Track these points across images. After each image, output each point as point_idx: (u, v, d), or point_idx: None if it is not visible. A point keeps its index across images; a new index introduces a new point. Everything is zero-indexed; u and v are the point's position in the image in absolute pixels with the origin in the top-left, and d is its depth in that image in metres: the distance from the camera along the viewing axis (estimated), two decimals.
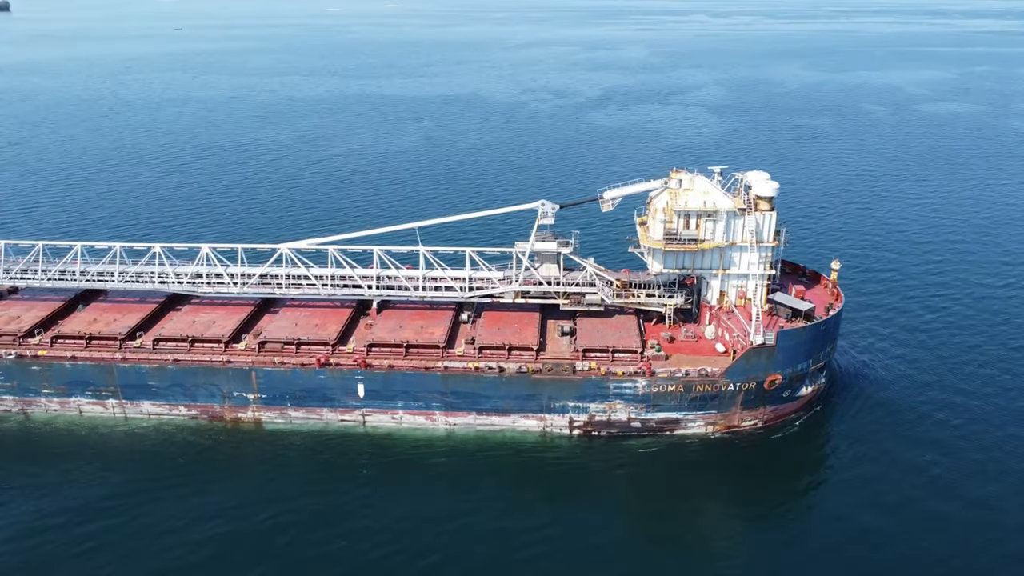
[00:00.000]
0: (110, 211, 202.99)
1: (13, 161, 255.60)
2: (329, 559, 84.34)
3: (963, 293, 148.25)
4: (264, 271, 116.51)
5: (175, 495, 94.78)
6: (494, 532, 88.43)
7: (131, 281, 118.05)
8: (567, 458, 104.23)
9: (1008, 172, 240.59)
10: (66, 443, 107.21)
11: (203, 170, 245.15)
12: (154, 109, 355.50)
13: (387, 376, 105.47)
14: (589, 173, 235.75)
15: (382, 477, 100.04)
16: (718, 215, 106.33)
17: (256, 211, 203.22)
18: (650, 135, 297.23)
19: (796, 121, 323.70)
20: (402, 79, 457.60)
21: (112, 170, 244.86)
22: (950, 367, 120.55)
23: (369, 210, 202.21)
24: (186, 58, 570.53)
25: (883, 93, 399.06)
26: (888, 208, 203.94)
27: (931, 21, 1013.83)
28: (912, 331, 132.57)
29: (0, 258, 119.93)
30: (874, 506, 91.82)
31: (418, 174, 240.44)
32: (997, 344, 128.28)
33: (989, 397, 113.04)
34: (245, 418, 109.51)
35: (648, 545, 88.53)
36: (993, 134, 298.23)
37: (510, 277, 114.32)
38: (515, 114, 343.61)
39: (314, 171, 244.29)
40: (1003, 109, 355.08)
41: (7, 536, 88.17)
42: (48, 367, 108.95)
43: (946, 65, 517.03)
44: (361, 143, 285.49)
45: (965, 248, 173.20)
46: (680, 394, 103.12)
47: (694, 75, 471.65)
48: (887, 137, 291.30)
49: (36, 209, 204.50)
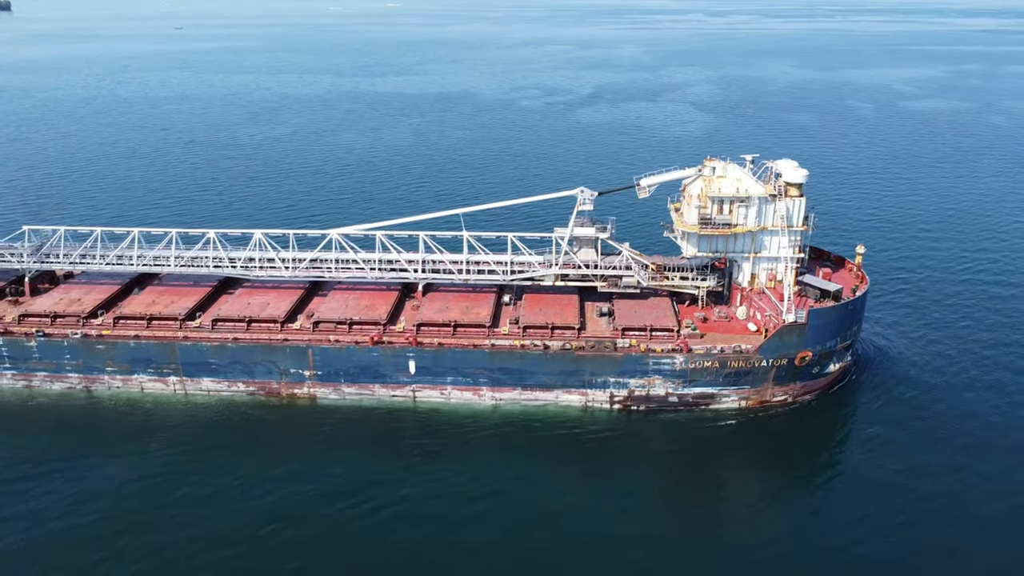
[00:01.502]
0: (166, 200, 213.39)
1: (70, 152, 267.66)
2: (378, 526, 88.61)
3: (982, 280, 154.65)
4: (314, 255, 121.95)
5: (234, 465, 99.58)
6: (537, 501, 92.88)
7: (186, 265, 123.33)
8: (607, 431, 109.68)
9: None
10: (129, 418, 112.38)
11: (255, 160, 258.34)
12: (205, 104, 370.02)
13: (437, 353, 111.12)
14: (622, 162, 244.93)
15: (431, 449, 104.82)
16: (750, 201, 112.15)
17: (307, 199, 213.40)
18: (674, 126, 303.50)
19: (791, 117, 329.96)
20: (441, 77, 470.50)
21: (168, 161, 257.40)
22: (969, 346, 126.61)
23: (416, 197, 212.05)
24: (217, 56, 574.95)
25: (892, 89, 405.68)
26: (908, 196, 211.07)
27: (929, 20, 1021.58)
28: (931, 313, 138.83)
29: (60, 244, 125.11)
30: (897, 476, 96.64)
31: (463, 163, 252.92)
32: (1008, 327, 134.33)
33: (1007, 373, 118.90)
34: (300, 394, 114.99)
35: (682, 513, 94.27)
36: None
37: (550, 261, 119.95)
38: (538, 108, 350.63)
39: (362, 161, 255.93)
40: (987, 106, 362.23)
41: (86, 501, 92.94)
42: (112, 346, 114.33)
43: (950, 62, 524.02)
44: (404, 135, 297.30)
45: (981, 236, 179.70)
46: (715, 370, 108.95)
47: (710, 72, 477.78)
48: (886, 133, 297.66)
49: (96, 196, 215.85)
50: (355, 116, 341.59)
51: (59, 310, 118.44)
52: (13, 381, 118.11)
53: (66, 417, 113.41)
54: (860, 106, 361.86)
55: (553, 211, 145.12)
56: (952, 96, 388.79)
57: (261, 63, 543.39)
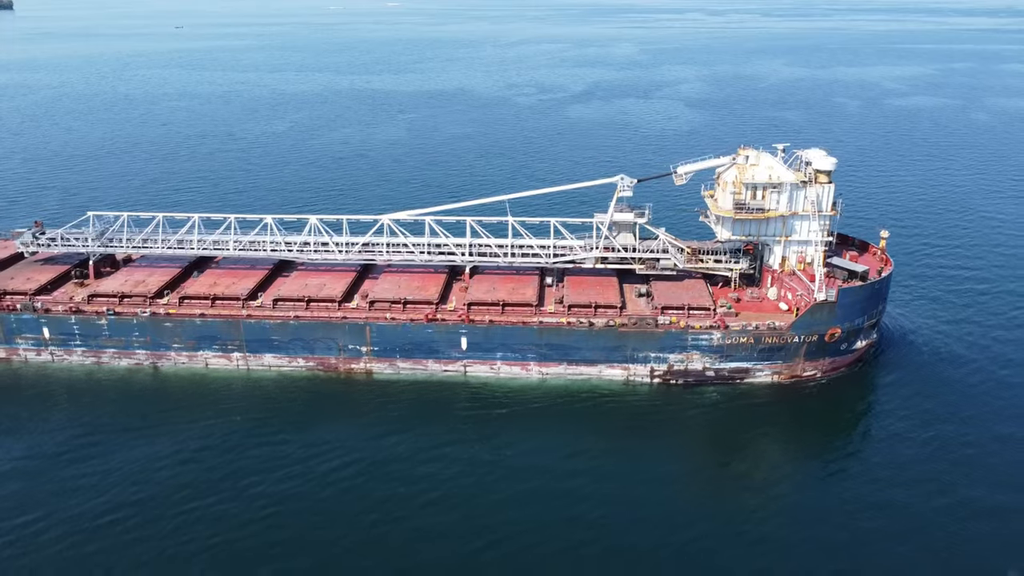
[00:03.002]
0: (227, 186, 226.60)
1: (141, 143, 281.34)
2: (432, 490, 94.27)
3: (999, 265, 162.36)
4: (366, 240, 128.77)
5: (295, 435, 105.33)
6: (581, 468, 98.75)
7: (245, 249, 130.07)
8: (647, 403, 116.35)
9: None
10: (194, 391, 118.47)
11: (307, 149, 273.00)
12: (252, 100, 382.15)
13: (488, 330, 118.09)
14: (659, 153, 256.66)
15: (480, 421, 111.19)
16: (782, 187, 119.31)
17: (360, 186, 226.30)
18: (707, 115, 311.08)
19: (792, 114, 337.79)
20: (494, 75, 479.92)
21: (226, 150, 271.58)
22: (987, 327, 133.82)
23: (463, 185, 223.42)
24: (248, 54, 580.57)
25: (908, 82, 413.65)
26: (922, 186, 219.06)
27: (925, 19, 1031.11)
28: (951, 297, 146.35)
29: (124, 229, 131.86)
30: (920, 448, 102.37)
31: (507, 151, 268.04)
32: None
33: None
34: (357, 369, 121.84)
35: (715, 480, 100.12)
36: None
37: (590, 245, 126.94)
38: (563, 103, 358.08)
39: (412, 151, 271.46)
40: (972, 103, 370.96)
41: (155, 467, 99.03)
42: (180, 323, 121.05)
43: (958, 59, 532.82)
44: (450, 127, 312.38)
45: (997, 223, 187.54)
46: (750, 346, 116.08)
47: (729, 67, 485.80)
48: (885, 130, 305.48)
49: (153, 185, 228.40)
50: (409, 110, 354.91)
51: (126, 291, 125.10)
52: (83, 357, 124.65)
53: (134, 391, 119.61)
54: (847, 102, 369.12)
55: (593, 198, 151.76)
56: (987, 95, 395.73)
57: (303, 61, 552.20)
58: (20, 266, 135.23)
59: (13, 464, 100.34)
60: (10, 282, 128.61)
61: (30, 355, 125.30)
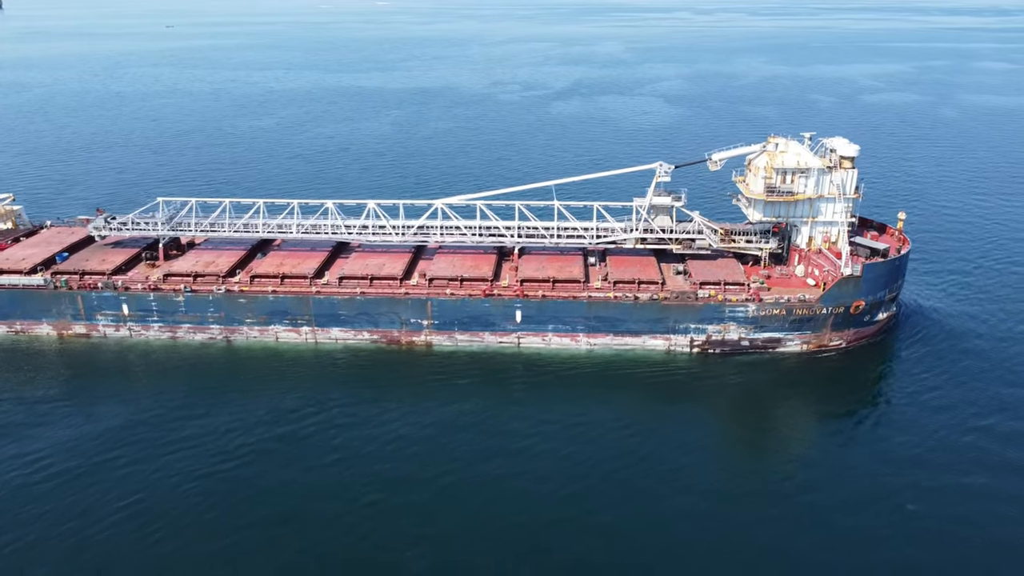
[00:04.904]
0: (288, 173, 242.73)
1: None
2: (490, 451, 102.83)
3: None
4: (421, 223, 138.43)
5: (362, 402, 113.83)
6: (626, 430, 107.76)
7: (307, 232, 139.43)
8: (687, 371, 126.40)
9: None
10: (266, 363, 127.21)
11: (358, 137, 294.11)
12: (304, 92, 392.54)
13: (541, 304, 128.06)
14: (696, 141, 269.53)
15: (533, 388, 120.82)
16: (809, 172, 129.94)
17: (414, 173, 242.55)
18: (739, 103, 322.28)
19: (799, 109, 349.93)
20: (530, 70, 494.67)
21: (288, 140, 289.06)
22: (1001, 303, 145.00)
23: (512, 171, 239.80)
24: (274, 52, 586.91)
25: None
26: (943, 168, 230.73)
27: (911, 18, 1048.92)
28: (964, 275, 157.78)
29: (192, 213, 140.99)
30: (937, 411, 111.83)
31: (552, 139, 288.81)
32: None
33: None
34: (418, 341, 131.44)
35: (752, 439, 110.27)
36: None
37: (630, 227, 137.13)
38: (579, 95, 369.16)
39: (465, 138, 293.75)
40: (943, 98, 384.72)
41: (233, 433, 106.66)
42: (253, 300, 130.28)
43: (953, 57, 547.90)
44: (490, 118, 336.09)
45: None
46: (782, 317, 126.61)
47: (747, 65, 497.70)
48: (882, 127, 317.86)
49: (217, 171, 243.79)
50: (456, 105, 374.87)
51: (199, 270, 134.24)
52: (159, 332, 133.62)
53: (209, 363, 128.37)
54: (821, 99, 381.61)
55: (631, 183, 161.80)
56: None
57: (360, 58, 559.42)
58: (92, 249, 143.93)
59: (108, 425, 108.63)
60: (86, 263, 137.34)
61: (109, 331, 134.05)
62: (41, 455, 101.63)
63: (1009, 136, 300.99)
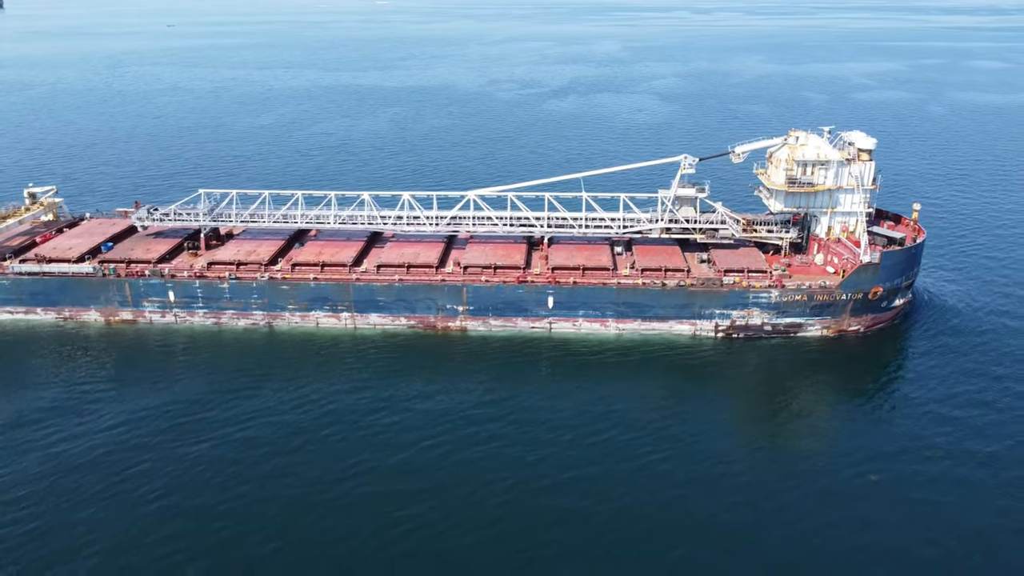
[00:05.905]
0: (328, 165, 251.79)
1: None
2: (517, 430, 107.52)
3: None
4: (454, 213, 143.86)
5: (400, 384, 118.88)
6: (652, 410, 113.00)
7: (344, 223, 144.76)
8: (712, 354, 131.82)
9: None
10: (307, 347, 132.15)
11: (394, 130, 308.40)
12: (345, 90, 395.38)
13: (572, 290, 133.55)
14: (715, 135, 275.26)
15: (565, 371, 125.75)
16: (829, 164, 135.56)
17: (448, 164, 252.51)
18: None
19: (811, 107, 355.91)
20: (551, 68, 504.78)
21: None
22: (1013, 290, 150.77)
23: (542, 163, 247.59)
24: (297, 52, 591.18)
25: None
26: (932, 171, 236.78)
27: (909, 17, 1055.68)
28: (976, 266, 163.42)
29: (233, 205, 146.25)
30: (952, 391, 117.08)
31: (582, 131, 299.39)
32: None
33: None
34: (454, 327, 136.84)
35: (775, 419, 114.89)
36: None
37: (655, 217, 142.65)
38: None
39: (495, 130, 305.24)
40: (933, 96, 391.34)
41: (277, 412, 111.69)
42: (295, 287, 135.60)
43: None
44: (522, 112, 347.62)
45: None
46: (804, 303, 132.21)
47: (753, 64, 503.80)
48: (889, 119, 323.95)
49: (258, 164, 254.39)
50: (491, 101, 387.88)
51: (241, 259, 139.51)
52: (204, 319, 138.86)
53: (252, 347, 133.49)
54: (813, 97, 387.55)
55: (656, 175, 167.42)
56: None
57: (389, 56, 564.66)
58: (135, 239, 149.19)
59: (159, 406, 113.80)
60: (131, 252, 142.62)
61: (155, 317, 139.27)
62: (98, 433, 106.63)
63: (1009, 136, 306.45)
